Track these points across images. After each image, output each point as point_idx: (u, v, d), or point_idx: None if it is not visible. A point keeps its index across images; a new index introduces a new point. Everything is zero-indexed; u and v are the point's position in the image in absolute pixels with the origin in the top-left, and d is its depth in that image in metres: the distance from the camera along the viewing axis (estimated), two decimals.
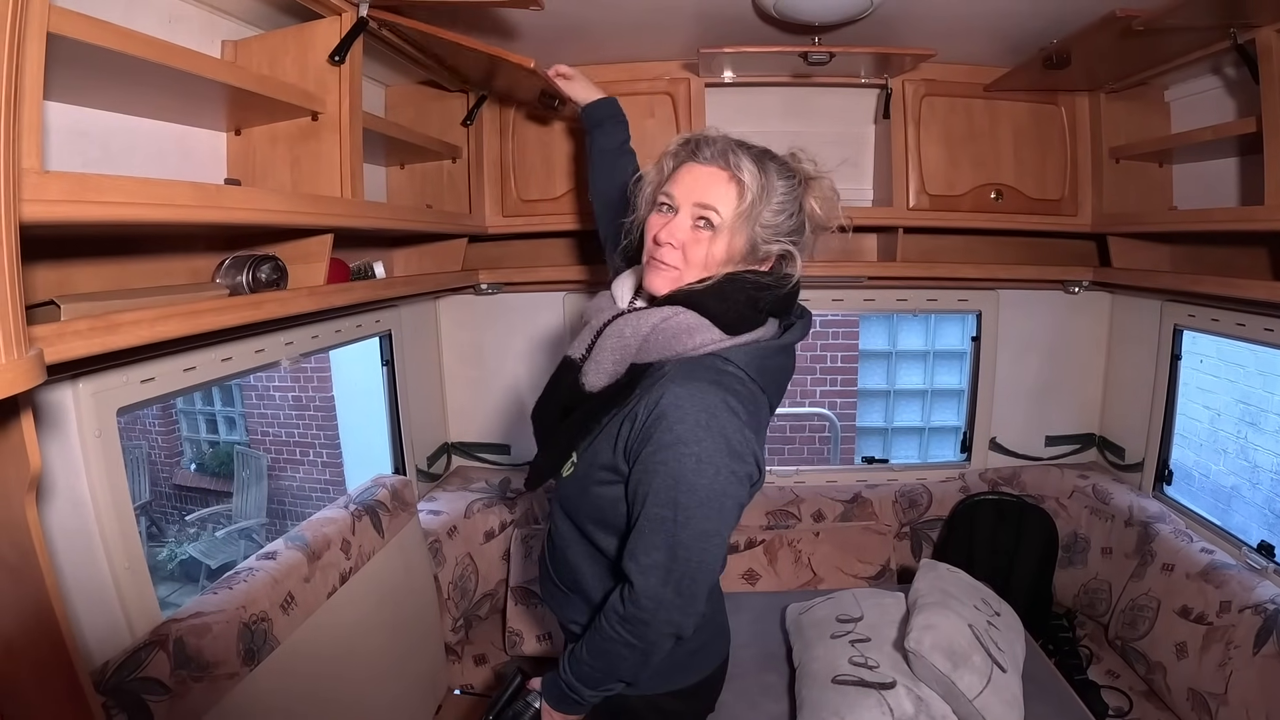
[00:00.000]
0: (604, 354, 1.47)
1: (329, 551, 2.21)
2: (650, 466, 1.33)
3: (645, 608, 1.35)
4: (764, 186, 1.39)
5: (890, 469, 3.47)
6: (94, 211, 1.14)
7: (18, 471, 1.06)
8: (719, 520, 1.34)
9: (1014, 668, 1.91)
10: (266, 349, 2.20)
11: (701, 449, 1.30)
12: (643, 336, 1.42)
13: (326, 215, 1.82)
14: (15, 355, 0.83)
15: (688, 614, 1.37)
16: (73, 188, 1.10)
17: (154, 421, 7.55)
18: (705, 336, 1.39)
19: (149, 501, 7.16)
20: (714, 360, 1.39)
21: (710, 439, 1.30)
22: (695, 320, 1.40)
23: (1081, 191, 2.80)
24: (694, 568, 1.34)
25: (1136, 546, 2.73)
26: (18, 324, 0.84)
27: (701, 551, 1.33)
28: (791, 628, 2.21)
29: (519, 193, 2.78)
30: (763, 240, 1.41)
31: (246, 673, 1.82)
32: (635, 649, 1.39)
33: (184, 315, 1.43)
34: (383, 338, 3.02)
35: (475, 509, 3.14)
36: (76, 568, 1.66)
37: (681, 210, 1.42)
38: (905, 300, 3.28)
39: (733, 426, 1.32)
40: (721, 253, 1.41)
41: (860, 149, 2.97)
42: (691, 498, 1.31)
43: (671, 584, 1.34)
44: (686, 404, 1.32)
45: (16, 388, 0.84)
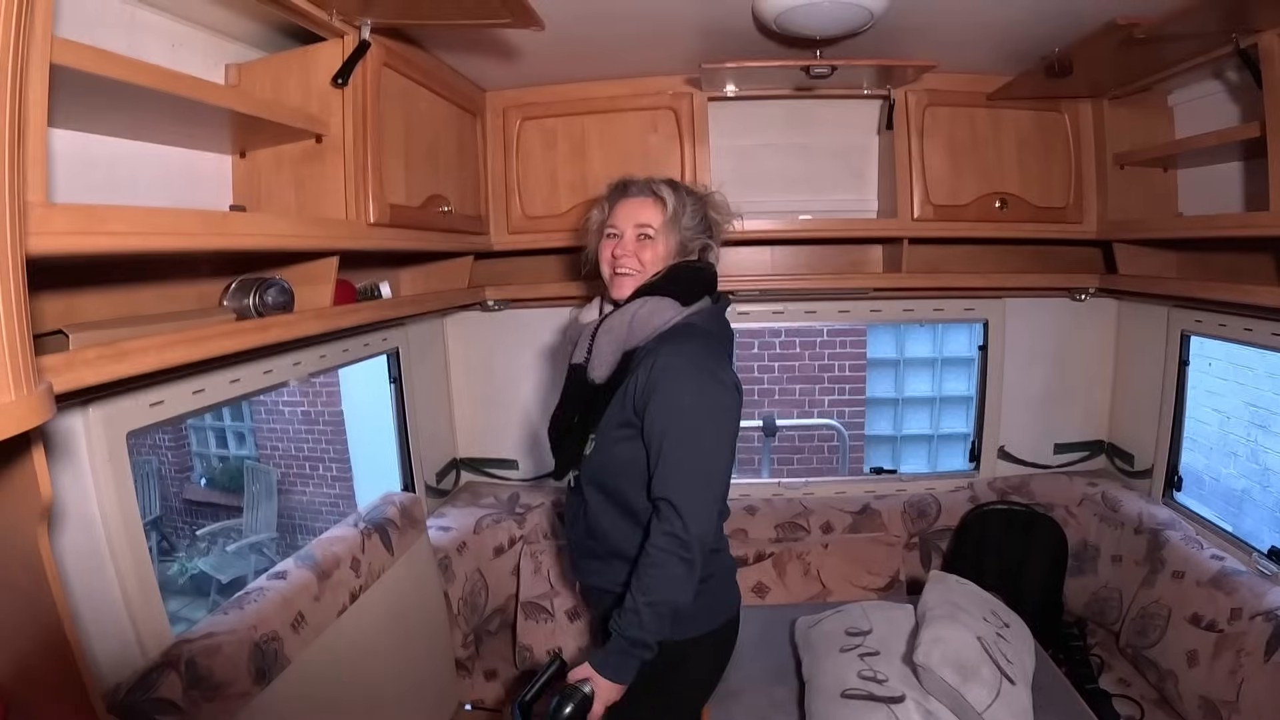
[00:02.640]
0: (603, 349, 1.84)
1: (339, 570, 2.22)
2: (662, 410, 1.70)
3: (686, 519, 1.65)
4: (679, 200, 1.89)
5: (899, 479, 3.46)
6: (100, 243, 1.15)
7: (29, 502, 1.07)
8: (725, 429, 1.75)
9: (1023, 680, 1.90)
10: (274, 370, 2.21)
11: (697, 381, 1.72)
12: (627, 325, 1.81)
13: (332, 238, 1.83)
14: (25, 391, 0.83)
15: (711, 522, 1.71)
16: (79, 220, 1.11)
17: (164, 437, 7.57)
18: (670, 311, 1.81)
19: (160, 516, 7.17)
20: (683, 326, 1.81)
21: (698, 373, 1.73)
22: (659, 302, 1.81)
23: (1086, 198, 2.80)
24: (712, 477, 1.73)
25: (1147, 554, 2.72)
26: (27, 360, 0.85)
27: (719, 457, 1.73)
28: (800, 641, 2.20)
29: (524, 209, 2.80)
30: (687, 239, 1.90)
31: (258, 692, 1.83)
32: (686, 562, 1.65)
33: (192, 341, 1.44)
34: (390, 355, 3.02)
35: (485, 524, 3.14)
36: (88, 590, 1.67)
37: (626, 232, 1.89)
38: (911, 310, 3.29)
39: (711, 361, 1.76)
40: (662, 251, 1.87)
41: (864, 160, 2.98)
42: (699, 417, 1.70)
43: (701, 492, 1.69)
44: (675, 357, 1.73)
45: (26, 424, 0.84)
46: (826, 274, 3.02)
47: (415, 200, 2.16)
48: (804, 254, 3.10)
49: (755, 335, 6.48)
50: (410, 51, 2.17)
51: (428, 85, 2.27)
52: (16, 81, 0.80)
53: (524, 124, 2.77)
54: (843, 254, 3.09)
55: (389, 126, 2.02)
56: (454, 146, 2.48)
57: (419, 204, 2.19)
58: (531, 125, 2.77)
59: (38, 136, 1.08)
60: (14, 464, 1.06)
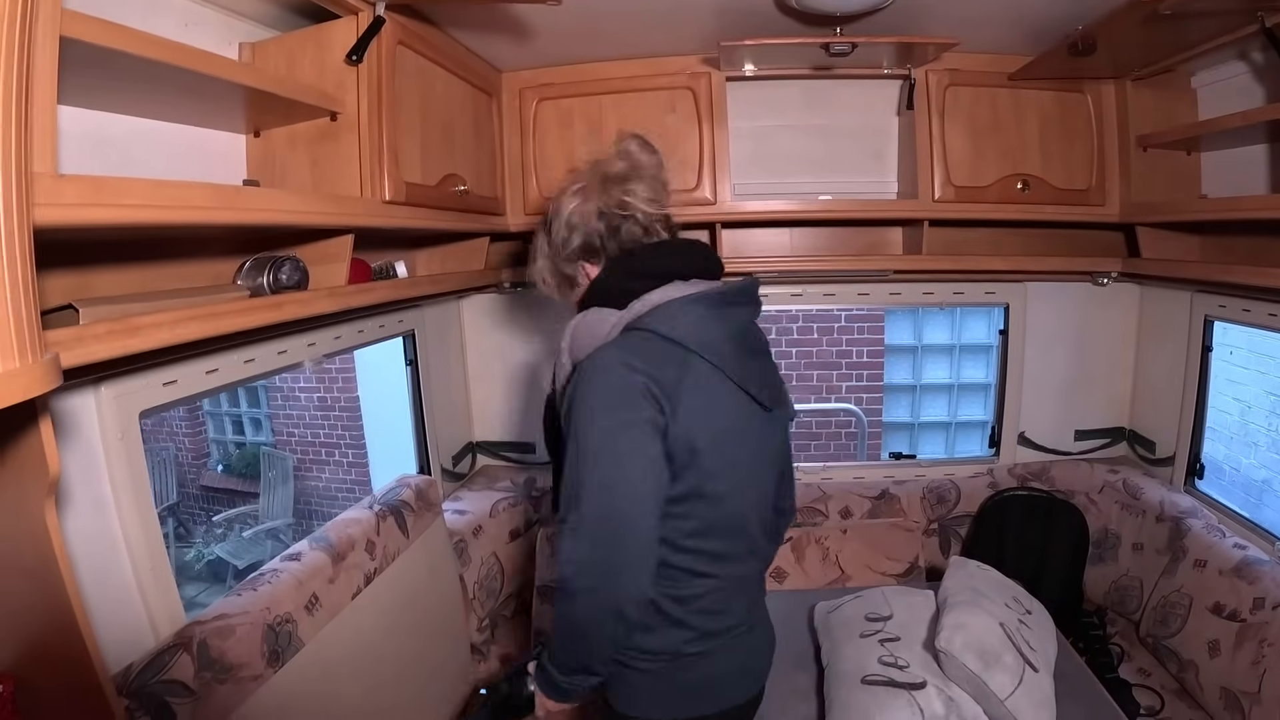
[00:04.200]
0: (557, 375, 1.59)
1: (353, 552, 2.21)
2: (566, 431, 1.43)
3: (564, 575, 1.39)
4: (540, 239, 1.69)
5: (918, 465, 3.44)
6: (110, 214, 1.13)
7: (37, 476, 1.06)
8: (618, 473, 1.37)
9: (1045, 667, 1.88)
10: (289, 350, 2.20)
11: (594, 400, 1.39)
12: (569, 345, 1.54)
13: (346, 215, 1.82)
14: (30, 360, 0.82)
15: (617, 581, 1.37)
16: (87, 191, 1.09)
17: (181, 424, 7.62)
18: (610, 319, 1.49)
19: (176, 503, 7.22)
20: (624, 333, 1.48)
21: (596, 392, 1.40)
22: (595, 313, 1.53)
23: (1109, 181, 2.75)
24: (604, 526, 1.37)
25: (1168, 542, 2.68)
26: (32, 328, 0.83)
27: (607, 507, 1.37)
28: (820, 627, 2.19)
29: (541, 190, 2.77)
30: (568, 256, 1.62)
31: (271, 674, 1.82)
32: (570, 620, 1.41)
33: (204, 317, 1.42)
34: (406, 337, 3.02)
35: (500, 508, 3.14)
36: (99, 571, 1.67)
37: None
38: (931, 293, 3.26)
39: (617, 376, 1.39)
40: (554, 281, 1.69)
41: (884, 142, 2.94)
42: (586, 451, 1.38)
43: (584, 546, 1.37)
44: (584, 369, 1.44)
45: (31, 392, 0.83)
46: (846, 256, 2.98)
47: (431, 179, 2.15)
48: (823, 236, 3.07)
49: (773, 320, 6.38)
50: (426, 30, 2.14)
51: (443, 64, 2.25)
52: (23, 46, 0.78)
53: (540, 104, 2.74)
54: (862, 236, 3.06)
55: (404, 105, 2.00)
56: (470, 127, 2.46)
57: (434, 183, 2.17)
58: (548, 105, 2.74)
59: (46, 107, 1.07)
60: (21, 439, 1.05)
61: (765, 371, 1.60)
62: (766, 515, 1.66)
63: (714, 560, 1.52)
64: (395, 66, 1.95)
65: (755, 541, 1.62)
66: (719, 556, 1.53)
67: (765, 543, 1.68)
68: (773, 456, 1.66)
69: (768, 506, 1.66)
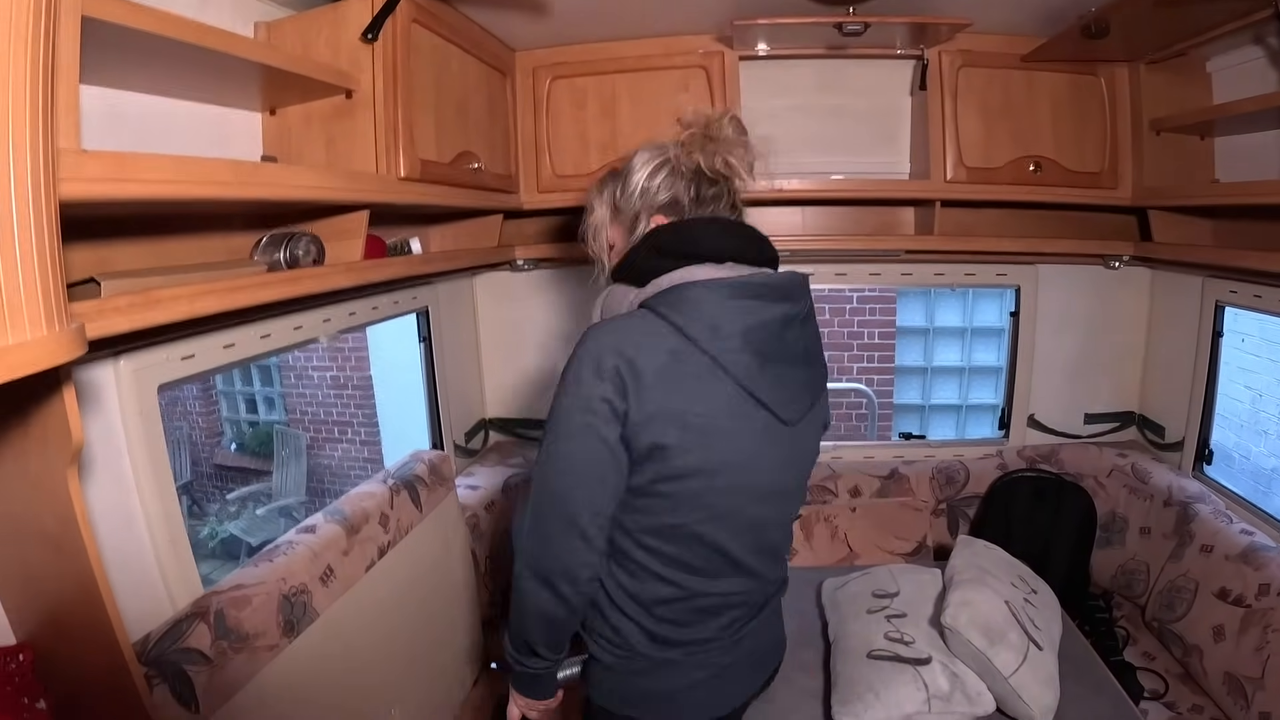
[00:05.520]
0: None
1: (367, 525, 2.23)
2: None
3: (514, 533, 1.43)
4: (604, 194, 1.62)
5: (927, 445, 3.45)
6: (131, 190, 1.15)
7: (60, 445, 1.08)
8: (565, 444, 1.37)
9: (1050, 646, 1.89)
10: (305, 326, 2.22)
11: (568, 374, 1.37)
12: (598, 316, 1.52)
13: (362, 191, 1.83)
14: (57, 328, 0.84)
15: (545, 549, 1.39)
16: (110, 167, 1.11)
17: (195, 403, 7.68)
18: (628, 296, 1.45)
19: (190, 481, 7.30)
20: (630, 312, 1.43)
21: (574, 366, 1.36)
22: (619, 290, 1.49)
23: (1122, 164, 2.74)
24: (541, 494, 1.39)
25: (1175, 527, 2.69)
26: (59, 297, 0.85)
27: (550, 474, 1.38)
28: (827, 603, 2.21)
29: (554, 168, 2.78)
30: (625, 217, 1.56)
31: (286, 644, 1.84)
32: (515, 590, 1.43)
33: (223, 291, 1.45)
34: (420, 314, 3.04)
35: (513, 483, 3.17)
36: (118, 543, 1.69)
37: None
38: (943, 274, 3.26)
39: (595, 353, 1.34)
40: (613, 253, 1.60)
41: (896, 123, 2.94)
42: (550, 418, 1.40)
43: (529, 511, 1.40)
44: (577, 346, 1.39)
45: (58, 359, 0.85)
46: (858, 235, 2.99)
47: (445, 156, 2.16)
48: (835, 215, 3.07)
49: None
50: (440, 9, 2.15)
51: (458, 43, 2.26)
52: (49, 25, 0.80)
53: (554, 83, 2.75)
54: (874, 216, 3.06)
55: (419, 83, 2.01)
56: (484, 105, 2.47)
57: (449, 160, 2.18)
58: (561, 84, 2.75)
59: (69, 83, 1.09)
60: (44, 408, 1.07)
61: (795, 380, 1.46)
62: (770, 535, 1.56)
63: (680, 568, 1.45)
64: (410, 45, 1.96)
65: (743, 559, 1.49)
66: (688, 567, 1.45)
67: (763, 562, 1.55)
68: (788, 474, 1.54)
69: (773, 525, 1.56)
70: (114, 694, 1.29)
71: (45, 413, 1.08)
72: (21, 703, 1.31)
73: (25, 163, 0.78)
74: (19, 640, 1.39)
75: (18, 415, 1.12)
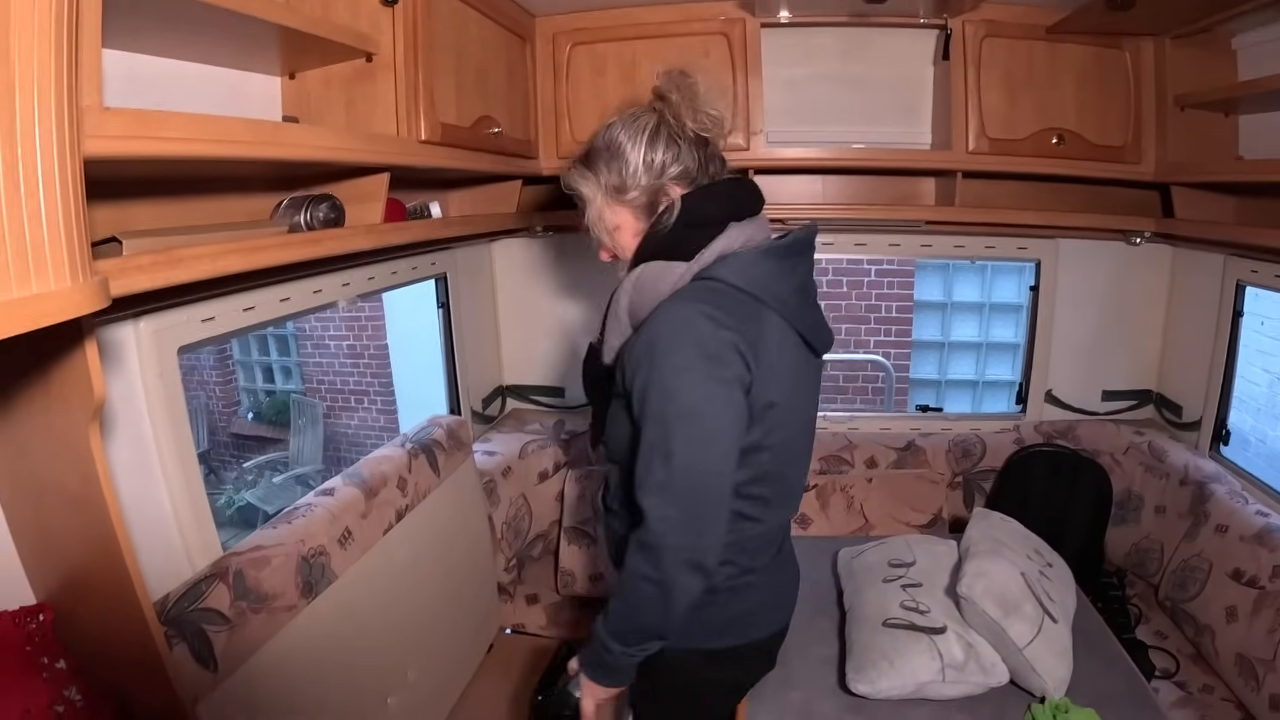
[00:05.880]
0: (609, 327, 1.55)
1: (385, 489, 2.26)
2: (640, 389, 1.37)
3: (655, 531, 1.34)
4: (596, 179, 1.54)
5: (944, 418, 3.45)
6: (152, 147, 1.15)
7: (82, 401, 1.09)
8: (709, 428, 1.35)
9: (1065, 619, 1.89)
10: (324, 289, 2.23)
11: (679, 358, 1.33)
12: (627, 302, 1.49)
13: (382, 153, 1.82)
14: (80, 280, 0.85)
15: (702, 536, 1.36)
16: (132, 124, 1.11)
17: (212, 372, 7.72)
18: (673, 271, 1.45)
19: (208, 450, 7.33)
20: (692, 285, 1.44)
21: (684, 347, 1.34)
22: (655, 267, 1.47)
23: (1145, 139, 2.70)
24: (694, 481, 1.34)
25: (1190, 506, 2.68)
26: (82, 250, 0.86)
27: (698, 462, 1.34)
28: (843, 571, 2.21)
29: (574, 134, 2.77)
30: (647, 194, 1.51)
31: (304, 605, 1.87)
32: (655, 583, 1.37)
33: (245, 251, 1.45)
34: (438, 280, 3.05)
35: (530, 450, 3.19)
36: (138, 504, 1.71)
37: None
38: (963, 246, 3.23)
39: (707, 331, 1.34)
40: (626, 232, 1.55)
41: (918, 94, 2.90)
42: (676, 408, 1.33)
43: (675, 503, 1.34)
44: (662, 323, 1.37)
45: (81, 310, 0.85)
46: (878, 205, 2.97)
47: (465, 120, 2.15)
48: (855, 185, 3.05)
49: None
50: None
51: (477, 7, 2.24)
52: None
53: (574, 49, 2.73)
54: (895, 186, 3.04)
55: (439, 46, 2.00)
56: (504, 71, 2.46)
57: (469, 124, 2.18)
58: (581, 50, 2.73)
59: (92, 43, 1.09)
60: (66, 365, 1.08)
61: (819, 317, 1.58)
62: (806, 461, 1.69)
63: (763, 506, 1.53)
64: (430, 8, 1.94)
65: (795, 486, 1.65)
66: (768, 502, 1.54)
67: (800, 487, 1.70)
68: (815, 402, 1.67)
69: (809, 452, 1.68)
70: (134, 653, 1.30)
71: (67, 370, 1.09)
72: (41, 662, 1.33)
73: (50, 118, 0.79)
74: (39, 600, 1.41)
75: (39, 374, 1.13)
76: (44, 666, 1.33)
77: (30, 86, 0.76)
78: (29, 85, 0.76)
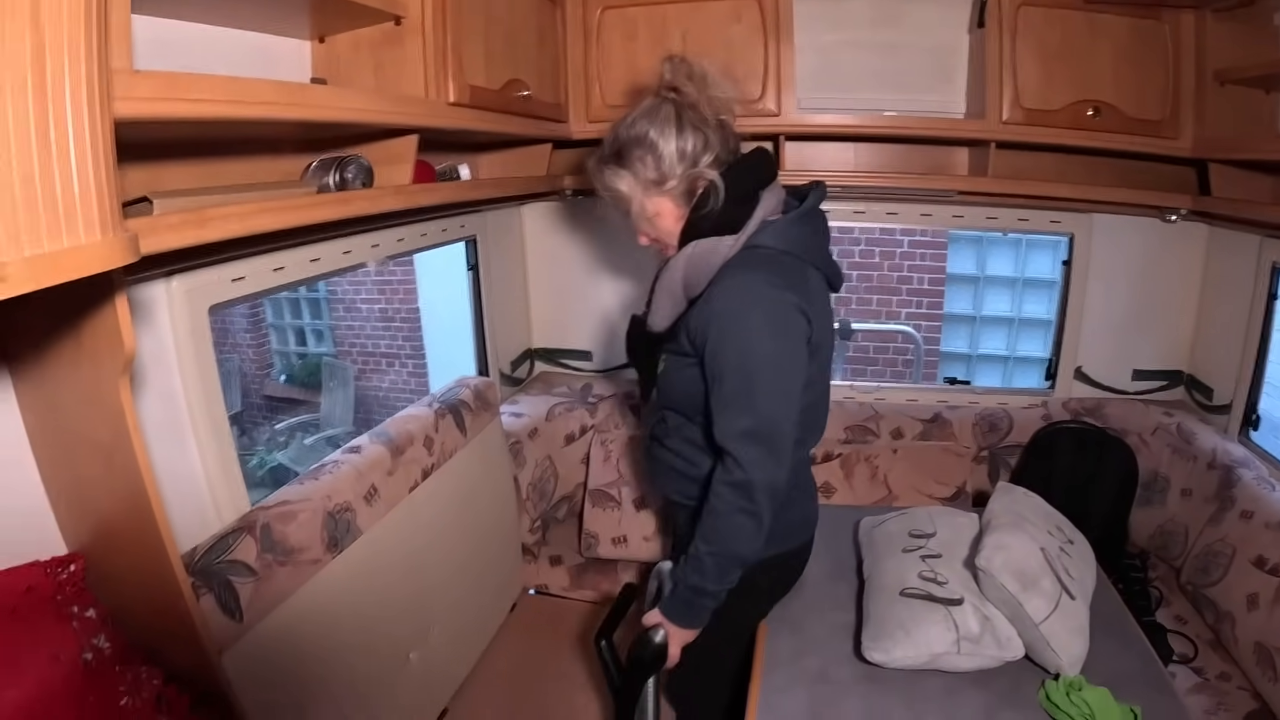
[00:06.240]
0: (660, 300, 1.73)
1: (412, 447, 2.28)
2: (717, 349, 1.58)
3: (746, 469, 1.56)
4: (634, 175, 1.66)
5: (972, 391, 3.42)
6: (182, 109, 1.17)
7: (112, 355, 1.12)
8: (785, 375, 1.59)
9: (1083, 597, 1.87)
10: (353, 250, 2.25)
11: (753, 319, 1.56)
12: (681, 277, 1.67)
13: (411, 115, 1.83)
14: (110, 235, 0.87)
15: (780, 467, 1.60)
16: (161, 86, 1.13)
17: (245, 335, 7.80)
18: (723, 245, 1.63)
19: (241, 411, 7.42)
20: (746, 253, 1.63)
21: (757, 309, 1.56)
22: (706, 243, 1.64)
23: (1183, 114, 2.63)
24: (776, 422, 1.58)
25: (1217, 490, 2.63)
26: (113, 207, 0.88)
27: (778, 407, 1.58)
28: (864, 540, 2.20)
29: (604, 98, 2.76)
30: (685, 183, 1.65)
31: (329, 559, 1.91)
32: (750, 514, 1.59)
33: (274, 210, 1.47)
34: (468, 243, 3.06)
35: (557, 412, 3.22)
36: (169, 460, 1.74)
37: None
38: (996, 218, 3.18)
39: (772, 294, 1.57)
40: (667, 218, 1.70)
41: (953, 62, 2.86)
42: (756, 361, 1.56)
43: (761, 444, 1.57)
44: (731, 291, 1.59)
45: (110, 263, 0.88)
46: (910, 174, 2.95)
47: (495, 83, 2.15)
48: (887, 153, 3.02)
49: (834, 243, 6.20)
50: None
51: None
52: None
53: (604, 13, 2.71)
54: (928, 155, 3.00)
55: (468, 10, 1.99)
56: (534, 34, 2.45)
57: (498, 87, 2.17)
58: (612, 14, 2.71)
59: (122, 6, 1.11)
60: (97, 320, 1.11)
61: (833, 260, 1.81)
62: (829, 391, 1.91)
63: (806, 431, 1.78)
64: None
65: (824, 414, 1.89)
66: (809, 429, 1.80)
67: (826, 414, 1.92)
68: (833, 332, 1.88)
69: None
70: (161, 603, 1.34)
71: (98, 324, 1.11)
72: (71, 611, 1.37)
73: (80, 81, 0.82)
74: (70, 550, 1.45)
75: (71, 330, 1.16)
76: (74, 615, 1.37)
77: (60, 50, 0.78)
78: (59, 48, 0.78)
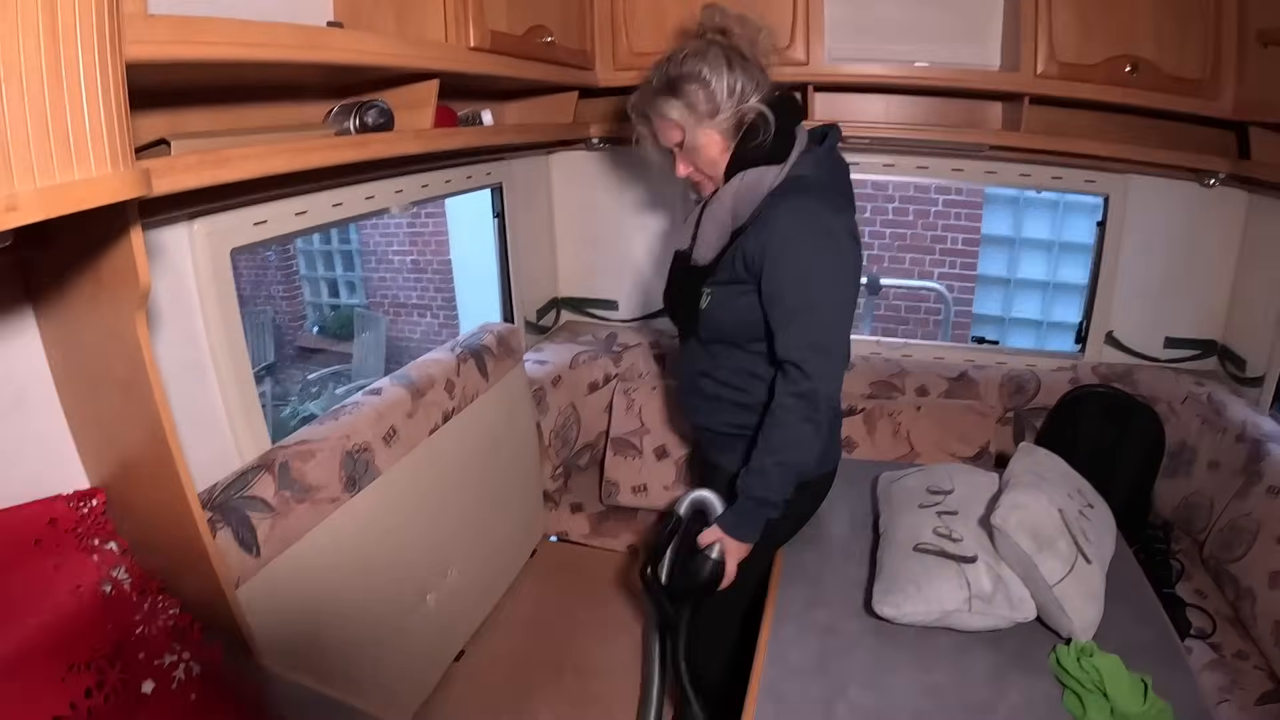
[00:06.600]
0: (707, 233, 1.86)
1: (433, 390, 2.30)
2: (780, 273, 1.70)
3: (813, 378, 1.69)
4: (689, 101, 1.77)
5: (1000, 351, 3.39)
6: (197, 51, 1.19)
7: (129, 290, 1.14)
8: (843, 290, 1.75)
9: (1100, 562, 1.85)
10: (377, 195, 2.26)
11: (811, 239, 1.69)
12: (731, 205, 1.80)
13: (430, 59, 1.82)
14: (121, 168, 0.89)
15: (838, 379, 1.78)
16: (176, 30, 1.15)
17: (278, 288, 7.88)
18: (771, 174, 1.77)
19: (274, 363, 7.53)
20: (791, 181, 1.76)
21: (815, 228, 1.69)
22: (756, 171, 1.77)
23: (1224, 74, 2.54)
24: (838, 337, 1.75)
25: (1245, 464, 2.57)
26: (123, 142, 0.90)
27: (839, 319, 1.75)
28: (882, 495, 2.20)
29: (631, 45, 2.73)
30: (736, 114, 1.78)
31: (347, 498, 1.94)
32: (814, 422, 1.72)
33: (292, 152, 1.49)
34: (494, 190, 3.06)
35: (581, 360, 3.24)
36: (191, 399, 1.78)
37: (673, 151, 1.88)
38: (1029, 175, 3.11)
39: (826, 216, 1.71)
40: (713, 149, 1.81)
41: (988, 11, 2.78)
42: (818, 276, 1.70)
43: (825, 354, 1.71)
44: (788, 216, 1.71)
45: (121, 195, 0.89)
46: (941, 126, 2.90)
47: (517, 29, 2.14)
48: (919, 106, 2.96)
49: (868, 199, 6.14)
50: None
51: None
52: None
53: None
54: (960, 108, 2.94)
55: None
56: None
57: (521, 33, 2.16)
58: None
59: None
60: (113, 256, 1.13)
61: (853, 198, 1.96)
62: None
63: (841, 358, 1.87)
64: None
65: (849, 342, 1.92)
66: (843, 356, 1.84)
67: None
68: None
69: None
70: (178, 536, 1.37)
71: (114, 261, 1.13)
72: (93, 543, 1.42)
73: (90, 21, 0.84)
74: (92, 485, 1.49)
75: (91, 268, 1.19)
76: (95, 548, 1.41)
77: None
78: None
